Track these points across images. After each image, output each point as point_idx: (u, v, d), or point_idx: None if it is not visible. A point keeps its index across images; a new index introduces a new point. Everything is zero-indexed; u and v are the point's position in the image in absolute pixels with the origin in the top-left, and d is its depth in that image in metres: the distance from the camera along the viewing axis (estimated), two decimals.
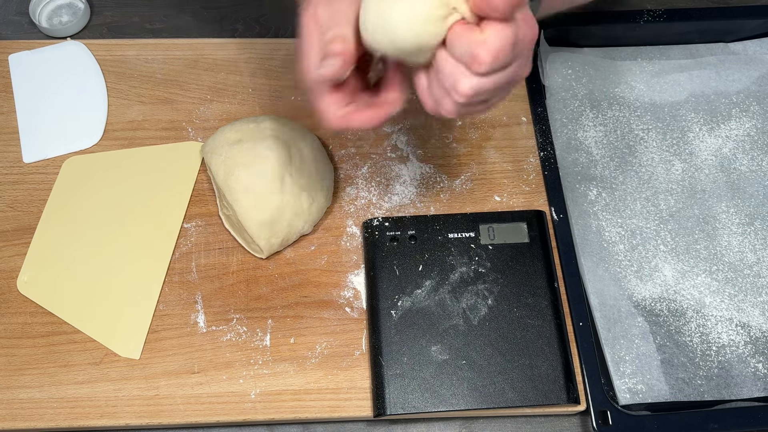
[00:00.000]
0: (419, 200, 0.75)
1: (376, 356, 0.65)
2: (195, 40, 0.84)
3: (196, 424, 0.64)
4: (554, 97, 0.81)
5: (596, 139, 0.80)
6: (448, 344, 0.66)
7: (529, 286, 0.69)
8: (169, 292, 0.69)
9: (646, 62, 0.85)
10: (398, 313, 0.67)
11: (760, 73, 0.84)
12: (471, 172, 0.77)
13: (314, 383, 0.66)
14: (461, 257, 0.70)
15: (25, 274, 0.70)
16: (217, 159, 0.70)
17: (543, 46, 0.83)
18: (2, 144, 0.77)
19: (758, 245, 0.74)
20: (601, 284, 0.71)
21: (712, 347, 0.69)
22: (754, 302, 0.71)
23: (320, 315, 0.69)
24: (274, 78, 0.82)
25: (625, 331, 0.68)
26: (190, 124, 0.78)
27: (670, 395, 0.66)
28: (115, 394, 0.64)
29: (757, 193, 0.77)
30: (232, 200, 0.69)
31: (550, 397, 0.64)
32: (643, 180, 0.77)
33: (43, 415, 0.64)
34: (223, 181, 0.69)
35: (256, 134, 0.71)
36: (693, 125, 0.81)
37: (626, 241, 0.74)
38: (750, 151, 0.80)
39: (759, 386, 0.67)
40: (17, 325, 0.67)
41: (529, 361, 0.65)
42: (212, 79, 0.81)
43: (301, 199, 0.69)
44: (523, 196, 0.76)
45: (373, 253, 0.70)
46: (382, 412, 0.63)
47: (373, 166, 0.77)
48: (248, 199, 0.68)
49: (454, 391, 0.64)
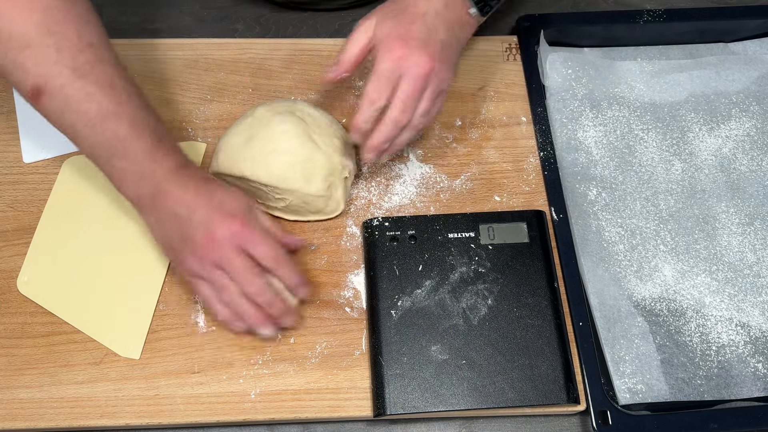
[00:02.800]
0: (419, 200, 0.75)
1: (376, 356, 0.65)
2: (195, 40, 0.84)
3: (196, 424, 0.65)
4: (554, 97, 0.81)
5: (596, 139, 0.80)
6: (448, 344, 0.66)
7: (529, 286, 0.69)
8: (169, 292, 0.69)
9: (646, 62, 0.85)
10: (398, 313, 0.67)
11: (760, 73, 0.84)
12: (471, 172, 0.77)
13: (314, 383, 0.66)
14: (461, 257, 0.70)
15: (25, 274, 0.70)
16: (243, 165, 0.69)
17: (543, 46, 0.83)
18: (2, 144, 0.77)
19: (758, 245, 0.74)
20: (601, 284, 0.71)
21: (711, 347, 0.69)
22: (754, 302, 0.71)
23: (320, 315, 0.69)
24: (274, 78, 0.82)
25: (625, 331, 0.69)
26: (190, 124, 0.78)
27: (670, 395, 0.66)
28: (115, 394, 0.64)
29: (757, 193, 0.77)
30: (285, 185, 0.69)
31: (550, 397, 0.64)
32: (643, 180, 0.77)
33: (43, 415, 0.64)
34: (267, 177, 0.69)
35: (258, 123, 0.71)
36: (693, 125, 0.81)
37: (626, 241, 0.74)
38: (750, 151, 0.80)
39: (759, 386, 0.67)
40: (17, 325, 0.67)
41: (529, 361, 0.65)
42: (212, 79, 0.81)
43: (334, 142, 0.71)
44: (523, 196, 0.76)
45: (373, 253, 0.70)
46: (382, 412, 0.63)
47: (373, 166, 0.77)
48: (298, 171, 0.69)
49: (454, 391, 0.64)
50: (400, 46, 0.63)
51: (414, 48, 0.63)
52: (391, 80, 0.64)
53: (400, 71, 0.64)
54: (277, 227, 0.66)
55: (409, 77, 0.64)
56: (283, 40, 0.85)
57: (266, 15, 0.89)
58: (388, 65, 0.64)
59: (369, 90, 0.64)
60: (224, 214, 0.61)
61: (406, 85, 0.64)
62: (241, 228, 0.61)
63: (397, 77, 0.64)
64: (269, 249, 0.62)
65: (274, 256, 0.62)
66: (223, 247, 0.60)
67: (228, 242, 0.60)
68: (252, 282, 0.61)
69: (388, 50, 0.64)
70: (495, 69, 0.83)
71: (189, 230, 0.61)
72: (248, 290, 0.61)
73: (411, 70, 0.63)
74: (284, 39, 0.85)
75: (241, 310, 0.63)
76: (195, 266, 0.62)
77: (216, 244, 0.60)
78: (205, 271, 0.61)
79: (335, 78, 0.68)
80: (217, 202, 0.61)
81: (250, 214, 0.62)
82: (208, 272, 0.61)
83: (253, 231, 0.61)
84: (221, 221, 0.60)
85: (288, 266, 0.63)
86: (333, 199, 0.72)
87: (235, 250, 0.60)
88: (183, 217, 0.61)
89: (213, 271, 0.61)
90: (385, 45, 0.64)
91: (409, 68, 0.63)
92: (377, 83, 0.64)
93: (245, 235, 0.61)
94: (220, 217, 0.60)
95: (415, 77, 0.64)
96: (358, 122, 0.66)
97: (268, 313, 0.63)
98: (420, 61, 0.63)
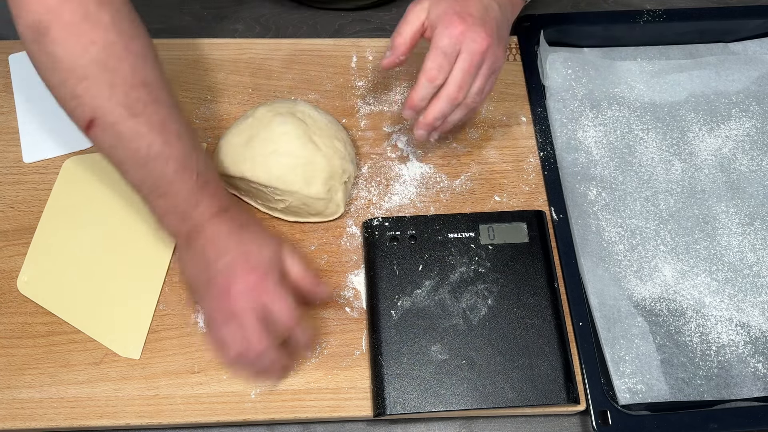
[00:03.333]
0: (419, 200, 0.75)
1: (376, 356, 0.65)
2: (195, 40, 0.84)
3: (196, 424, 0.65)
4: (554, 97, 0.81)
5: (596, 139, 0.80)
6: (448, 344, 0.66)
7: (529, 286, 0.69)
8: (169, 292, 0.69)
9: (646, 62, 0.85)
10: (398, 313, 0.67)
11: (759, 73, 0.84)
12: (471, 172, 0.77)
13: (314, 383, 0.66)
14: (461, 257, 0.70)
15: (25, 274, 0.70)
16: (244, 165, 0.70)
17: (543, 46, 0.83)
18: (2, 144, 0.77)
19: (758, 245, 0.74)
20: (601, 284, 0.71)
21: (711, 347, 0.69)
22: (754, 302, 0.71)
23: (320, 315, 0.69)
24: (274, 78, 0.82)
25: (625, 331, 0.69)
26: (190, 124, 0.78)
27: (670, 395, 0.66)
28: (115, 394, 0.64)
29: (757, 193, 0.77)
30: (285, 187, 0.69)
31: (550, 397, 0.64)
32: (643, 180, 0.77)
33: (43, 415, 0.64)
34: (267, 177, 0.69)
35: (259, 124, 0.71)
36: (693, 125, 0.81)
37: (626, 241, 0.74)
38: (750, 151, 0.80)
39: (759, 386, 0.67)
40: (17, 325, 0.67)
41: (529, 361, 0.65)
42: (212, 79, 0.81)
43: (335, 144, 0.71)
44: (523, 196, 0.76)
45: (373, 253, 0.70)
46: (382, 412, 0.63)
47: (373, 166, 0.77)
48: (298, 173, 0.69)
49: (454, 391, 0.64)
50: (459, 22, 0.63)
51: (471, 24, 0.63)
52: (451, 56, 0.64)
53: (458, 47, 0.63)
54: (310, 274, 0.64)
55: (467, 53, 0.63)
56: (283, 40, 0.85)
57: (266, 15, 0.89)
58: (448, 41, 0.63)
59: (429, 66, 0.64)
60: (247, 265, 0.60)
61: (463, 61, 0.64)
62: (259, 282, 0.59)
63: (456, 53, 0.64)
64: (284, 308, 0.60)
65: (287, 316, 0.60)
66: (238, 301, 0.59)
67: (243, 296, 0.59)
68: (253, 348, 0.60)
69: (447, 26, 0.63)
70: None
71: (212, 275, 0.60)
72: (248, 354, 0.60)
73: (469, 46, 0.63)
74: (284, 39, 0.85)
75: (238, 364, 0.62)
76: (214, 312, 0.61)
77: (232, 297, 0.59)
78: (219, 320, 0.61)
79: (392, 64, 0.67)
80: (244, 250, 0.60)
81: (273, 267, 0.61)
82: (221, 322, 0.60)
83: (272, 287, 0.60)
84: (242, 273, 0.59)
85: (300, 328, 0.61)
86: (333, 202, 0.72)
87: (249, 306, 0.59)
88: (210, 260, 0.60)
89: (225, 324, 0.60)
90: (444, 22, 0.63)
91: (467, 44, 0.63)
92: (438, 59, 0.64)
93: (262, 290, 0.59)
94: (242, 269, 0.59)
95: (473, 53, 0.63)
96: (415, 99, 0.65)
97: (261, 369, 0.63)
98: (478, 38, 0.63)
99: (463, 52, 0.63)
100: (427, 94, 0.65)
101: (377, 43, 0.84)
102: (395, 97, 0.81)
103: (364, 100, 0.81)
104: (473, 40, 0.63)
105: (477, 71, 0.65)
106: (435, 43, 0.64)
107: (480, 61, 0.64)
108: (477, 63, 0.64)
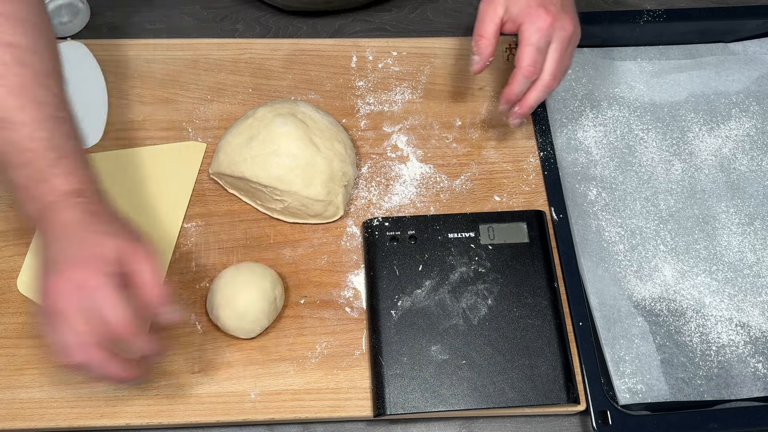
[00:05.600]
0: (419, 200, 0.75)
1: (376, 356, 0.65)
2: (195, 40, 0.84)
3: (196, 424, 0.65)
4: (554, 97, 0.81)
5: (596, 139, 0.80)
6: (448, 344, 0.66)
7: (529, 286, 0.69)
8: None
9: (646, 62, 0.85)
10: (398, 313, 0.67)
11: (759, 73, 0.84)
12: (471, 172, 0.77)
13: (314, 383, 0.66)
14: (461, 257, 0.70)
15: (25, 274, 0.70)
16: (244, 165, 0.70)
17: None
18: None
19: (758, 245, 0.74)
20: (601, 284, 0.71)
21: (711, 347, 0.69)
22: (754, 302, 0.71)
23: (320, 315, 0.69)
24: (274, 78, 0.82)
25: (625, 331, 0.69)
26: (190, 124, 0.78)
27: (670, 395, 0.66)
28: (115, 394, 0.64)
29: (757, 193, 0.77)
30: (284, 187, 0.69)
31: (550, 397, 0.64)
32: (643, 180, 0.77)
33: (43, 415, 0.64)
34: (266, 177, 0.69)
35: (259, 124, 0.71)
36: (693, 125, 0.81)
37: (626, 241, 0.74)
38: (750, 151, 0.80)
39: (759, 386, 0.67)
40: (17, 325, 0.67)
41: (529, 361, 0.65)
42: (212, 79, 0.81)
43: (335, 146, 0.71)
44: (523, 196, 0.76)
45: (373, 253, 0.70)
46: (382, 412, 0.63)
47: (373, 166, 0.77)
48: (298, 174, 0.69)
49: (454, 391, 0.64)
50: (545, 14, 0.65)
51: (556, 13, 0.66)
52: (544, 50, 0.66)
53: (549, 39, 0.66)
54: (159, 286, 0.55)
55: (557, 42, 0.66)
56: (283, 40, 0.85)
57: (266, 15, 0.89)
58: (539, 36, 0.65)
59: (525, 63, 0.66)
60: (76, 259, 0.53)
61: (555, 51, 0.67)
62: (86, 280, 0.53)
63: (547, 45, 0.66)
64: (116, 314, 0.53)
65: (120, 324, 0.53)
66: (60, 299, 0.53)
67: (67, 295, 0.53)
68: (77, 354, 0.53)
69: (535, 21, 0.65)
70: (495, 69, 0.83)
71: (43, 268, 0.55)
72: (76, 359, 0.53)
73: (558, 35, 0.66)
74: (284, 39, 0.85)
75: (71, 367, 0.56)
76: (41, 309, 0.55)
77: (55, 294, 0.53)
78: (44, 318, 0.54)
79: (483, 68, 0.69)
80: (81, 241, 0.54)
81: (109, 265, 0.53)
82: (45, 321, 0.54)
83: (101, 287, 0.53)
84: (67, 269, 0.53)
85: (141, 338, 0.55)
86: (332, 204, 0.72)
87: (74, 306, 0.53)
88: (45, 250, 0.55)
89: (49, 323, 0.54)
90: (530, 17, 0.66)
91: (557, 34, 0.66)
92: (533, 55, 0.66)
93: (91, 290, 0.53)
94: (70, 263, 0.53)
95: (562, 41, 0.67)
96: (512, 94, 0.69)
97: None
98: (565, 25, 0.66)
99: (554, 42, 0.66)
100: (523, 88, 0.68)
101: (377, 43, 0.84)
102: (395, 97, 0.81)
103: (364, 100, 0.81)
104: (562, 28, 0.66)
105: (565, 55, 0.68)
106: (526, 39, 0.66)
107: (567, 45, 0.68)
108: (566, 48, 0.67)
